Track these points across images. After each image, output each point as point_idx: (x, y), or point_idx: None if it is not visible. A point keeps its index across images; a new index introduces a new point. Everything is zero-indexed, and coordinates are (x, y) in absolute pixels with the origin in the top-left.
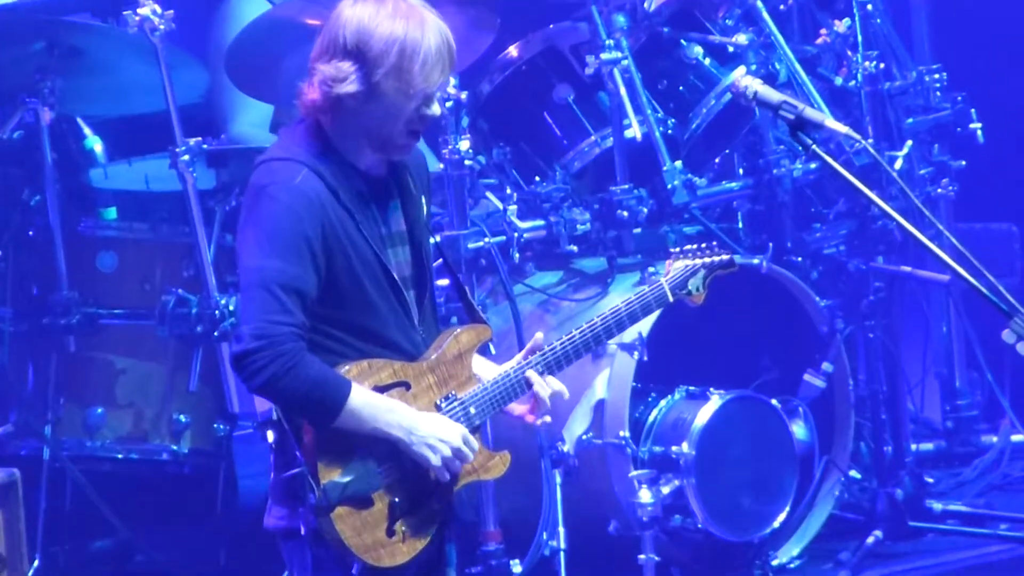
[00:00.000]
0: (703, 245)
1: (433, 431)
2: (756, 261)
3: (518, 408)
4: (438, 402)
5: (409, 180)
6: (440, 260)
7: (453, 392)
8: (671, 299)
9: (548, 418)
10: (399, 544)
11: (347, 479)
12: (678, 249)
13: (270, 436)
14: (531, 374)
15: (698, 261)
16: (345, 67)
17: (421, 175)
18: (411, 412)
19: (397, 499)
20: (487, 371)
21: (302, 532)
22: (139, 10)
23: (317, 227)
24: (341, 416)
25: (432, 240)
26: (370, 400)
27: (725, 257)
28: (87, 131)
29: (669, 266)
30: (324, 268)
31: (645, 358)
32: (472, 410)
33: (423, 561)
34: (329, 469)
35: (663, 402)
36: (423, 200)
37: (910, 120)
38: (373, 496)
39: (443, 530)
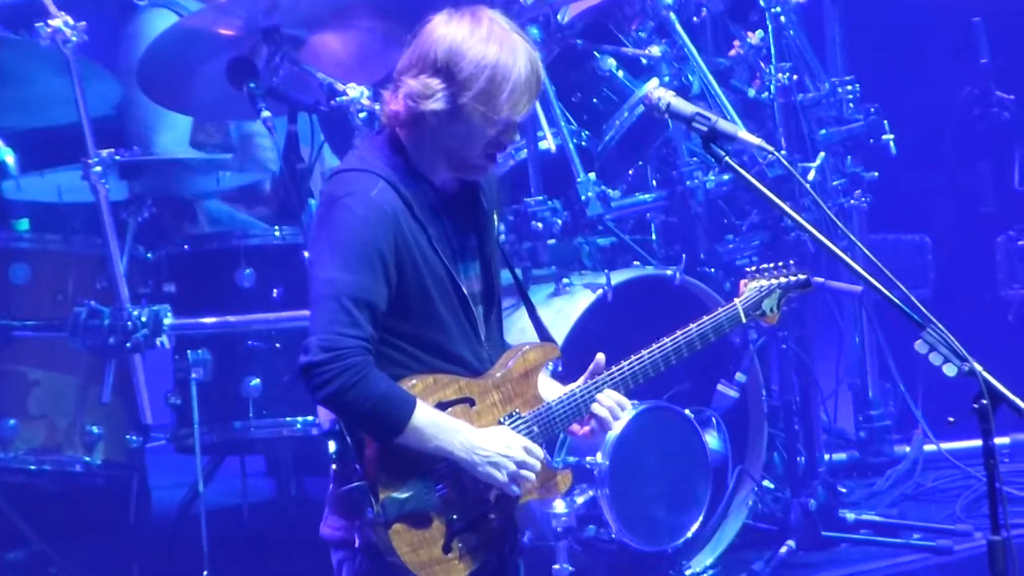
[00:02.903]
0: (780, 264)
1: (495, 447)
2: (669, 272)
3: (579, 428)
4: (501, 420)
5: (481, 196)
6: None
7: (517, 410)
8: (744, 320)
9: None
10: (455, 561)
11: (405, 495)
12: (753, 268)
13: (332, 446)
14: (601, 397)
15: (774, 282)
16: (433, 84)
17: (492, 191)
18: (474, 432)
19: (455, 516)
20: (552, 390)
21: (356, 544)
22: (51, 22)
23: (390, 240)
24: (404, 433)
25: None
26: (434, 419)
27: (802, 277)
28: None
29: (744, 286)
30: (395, 281)
31: (560, 368)
32: (535, 429)
33: None
34: (389, 485)
35: None
36: (494, 216)
37: (823, 132)
38: (431, 514)
39: (504, 546)
